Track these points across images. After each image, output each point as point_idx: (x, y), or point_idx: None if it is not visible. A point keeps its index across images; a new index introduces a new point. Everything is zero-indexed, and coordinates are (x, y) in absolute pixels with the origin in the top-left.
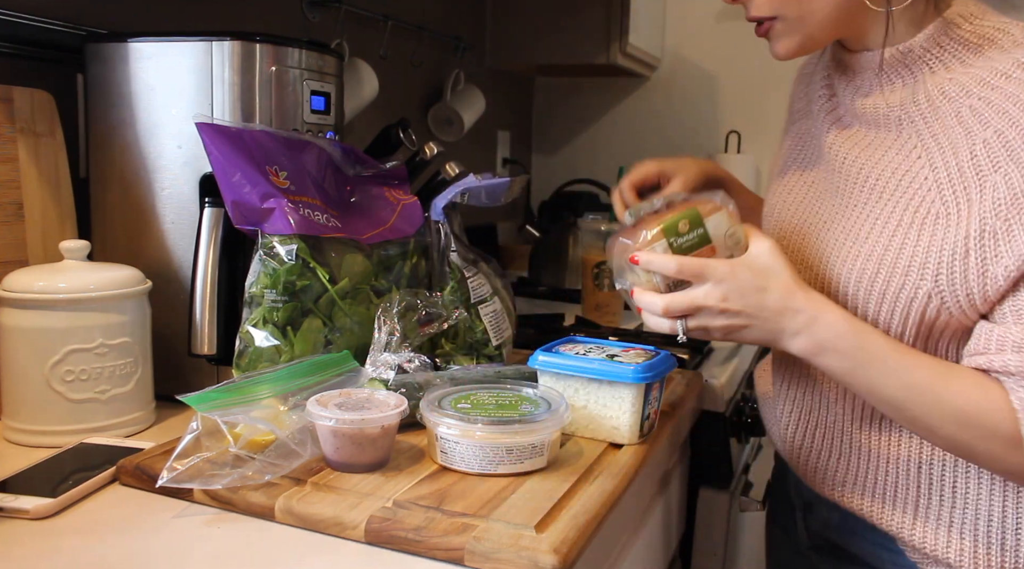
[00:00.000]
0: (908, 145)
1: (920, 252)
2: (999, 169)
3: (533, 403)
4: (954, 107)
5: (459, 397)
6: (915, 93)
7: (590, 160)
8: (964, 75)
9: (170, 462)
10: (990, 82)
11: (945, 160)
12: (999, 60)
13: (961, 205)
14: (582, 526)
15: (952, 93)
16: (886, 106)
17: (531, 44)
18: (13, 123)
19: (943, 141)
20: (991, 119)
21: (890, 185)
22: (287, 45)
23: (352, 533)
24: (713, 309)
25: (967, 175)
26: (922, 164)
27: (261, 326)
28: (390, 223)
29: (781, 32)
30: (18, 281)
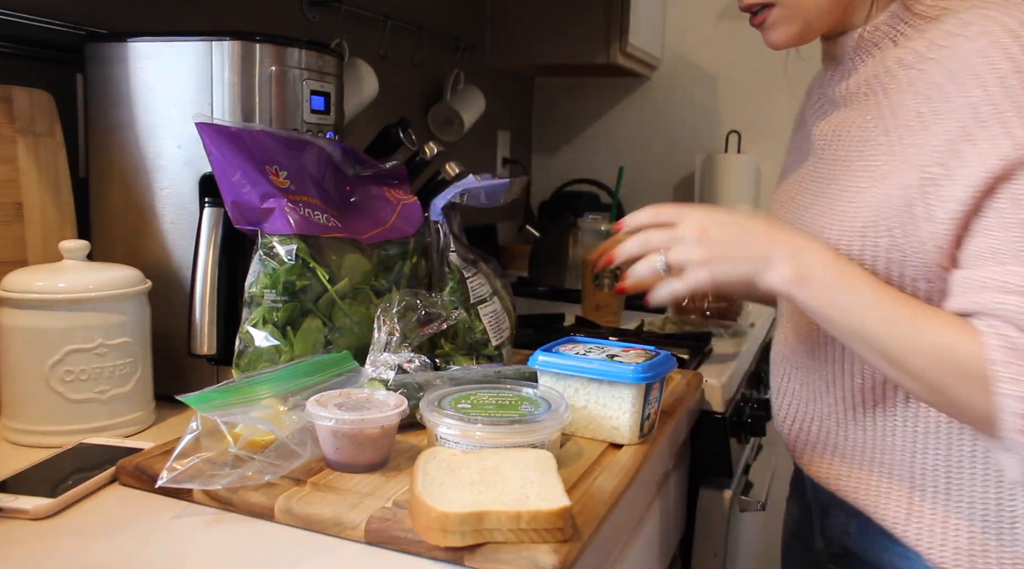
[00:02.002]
0: (867, 116)
1: (872, 209)
2: (939, 119)
3: (533, 403)
4: (907, 74)
5: (459, 397)
6: (875, 67)
7: (590, 160)
8: (919, 42)
9: (170, 462)
10: (937, 42)
11: (896, 122)
12: (948, 22)
13: (906, 158)
14: (581, 526)
15: (908, 60)
16: (854, 84)
17: (531, 44)
18: (13, 123)
19: (896, 106)
20: (935, 76)
21: (852, 155)
22: (287, 45)
23: (352, 533)
24: (689, 237)
25: (914, 130)
26: (878, 131)
27: (261, 326)
28: (390, 223)
29: (778, 19)
30: (18, 281)
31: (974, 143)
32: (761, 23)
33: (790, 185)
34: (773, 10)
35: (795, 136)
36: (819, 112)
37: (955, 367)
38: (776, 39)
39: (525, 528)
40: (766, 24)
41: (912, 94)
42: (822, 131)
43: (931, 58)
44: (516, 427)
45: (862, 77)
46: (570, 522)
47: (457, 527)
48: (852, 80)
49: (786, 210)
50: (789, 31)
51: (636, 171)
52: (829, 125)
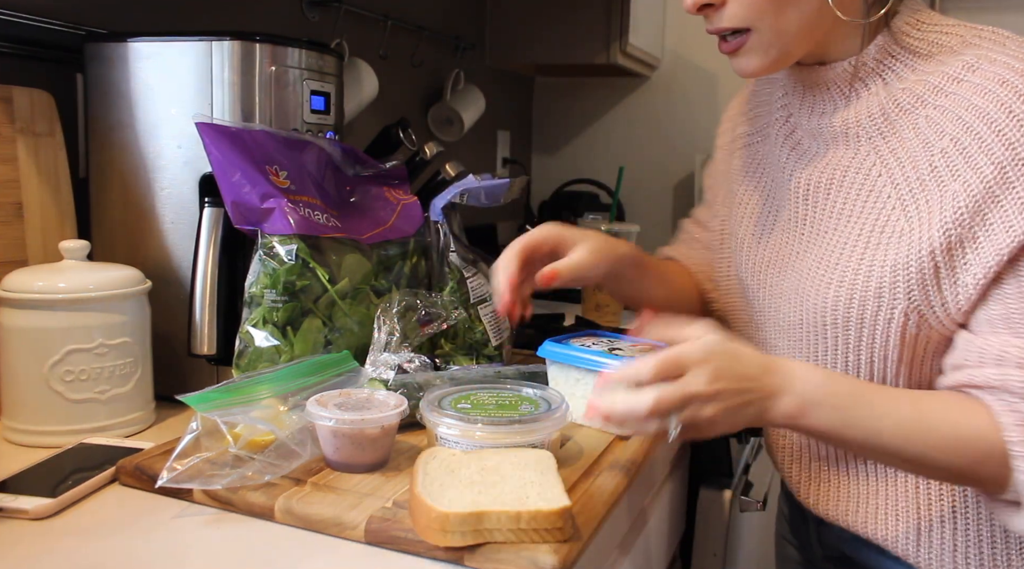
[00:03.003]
0: (867, 163)
1: (888, 271)
2: (958, 177)
3: (533, 403)
4: (910, 119)
5: (459, 397)
6: (869, 107)
7: (590, 160)
8: (917, 83)
9: (170, 462)
10: (943, 88)
11: (905, 174)
12: (949, 64)
13: (923, 217)
14: (581, 526)
15: (906, 103)
16: (842, 123)
17: (531, 44)
18: (13, 123)
19: (902, 155)
20: (947, 127)
21: (856, 207)
22: (287, 45)
23: (352, 533)
24: (704, 395)
25: (928, 187)
26: (884, 181)
27: (261, 326)
28: (390, 223)
29: (755, 47)
30: (18, 281)
31: (1000, 206)
32: (735, 50)
33: (763, 215)
34: (750, 36)
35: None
36: (797, 150)
37: (975, 455)
38: (752, 67)
39: (525, 528)
40: (741, 51)
41: (922, 144)
42: (801, 168)
43: (937, 104)
44: (516, 427)
45: (850, 114)
46: (570, 522)
47: (457, 527)
48: (840, 117)
49: (767, 248)
50: (765, 59)
51: (636, 171)
52: (811, 164)
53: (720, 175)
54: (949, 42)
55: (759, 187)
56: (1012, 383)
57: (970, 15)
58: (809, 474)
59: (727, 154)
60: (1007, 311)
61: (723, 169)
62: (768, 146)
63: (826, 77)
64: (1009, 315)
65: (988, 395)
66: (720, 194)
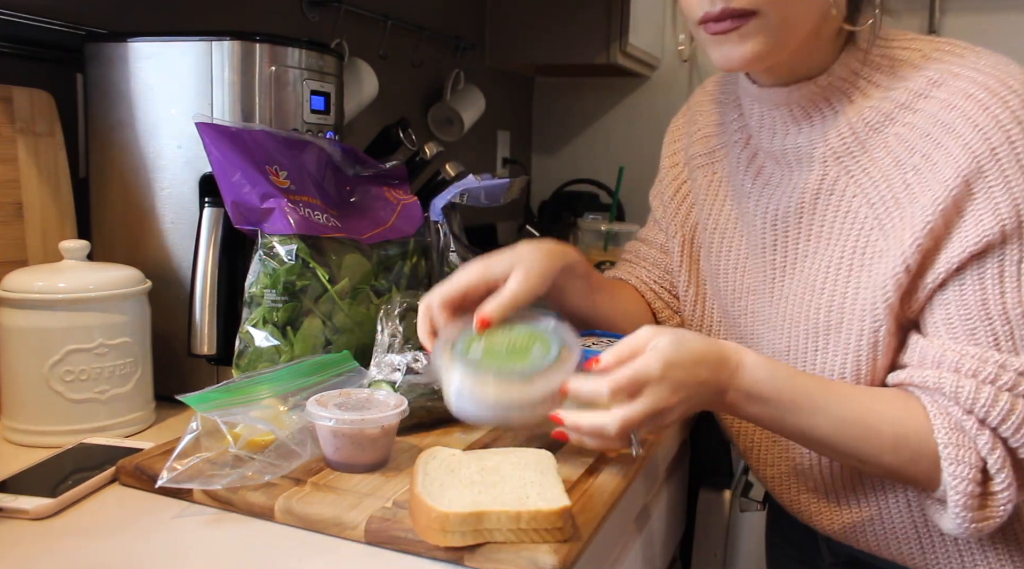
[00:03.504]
0: (839, 184)
1: (870, 293)
2: (928, 191)
3: (545, 344)
4: (880, 138)
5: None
6: (838, 127)
7: (590, 160)
8: (882, 101)
9: (170, 462)
10: (909, 105)
11: (880, 194)
12: (913, 79)
13: (900, 234)
14: (581, 526)
15: (875, 122)
16: (809, 144)
17: (531, 44)
18: (13, 123)
19: (875, 174)
20: (917, 144)
21: (835, 229)
22: (287, 45)
23: (352, 533)
24: (667, 408)
25: (903, 204)
26: (859, 202)
27: (261, 326)
28: (390, 223)
29: (756, 31)
30: (18, 281)
31: (962, 216)
32: (731, 30)
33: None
34: (752, 20)
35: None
36: (762, 176)
37: (910, 454)
38: (746, 54)
39: (525, 528)
40: (739, 33)
41: (894, 163)
42: (777, 203)
43: (906, 122)
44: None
45: (820, 136)
46: (570, 522)
47: (457, 527)
48: (806, 138)
49: (746, 275)
50: (762, 47)
51: (636, 171)
52: (784, 195)
53: (669, 196)
54: (910, 57)
55: (725, 214)
56: (946, 386)
57: (970, 15)
58: (808, 500)
59: (679, 174)
60: (947, 316)
61: (670, 190)
62: (729, 170)
63: (790, 98)
64: (949, 320)
65: (925, 395)
66: (669, 213)
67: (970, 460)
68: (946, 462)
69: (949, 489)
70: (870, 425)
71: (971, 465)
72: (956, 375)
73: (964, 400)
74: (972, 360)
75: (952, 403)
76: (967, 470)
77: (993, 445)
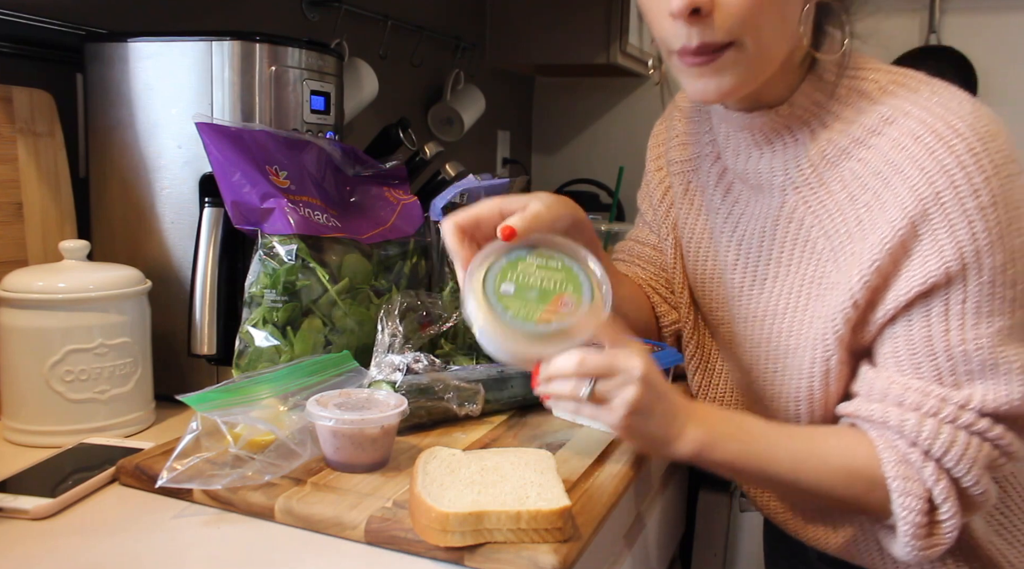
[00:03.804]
0: (798, 213)
1: (822, 323)
2: (877, 229)
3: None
4: (836, 172)
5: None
6: (797, 157)
7: (590, 160)
8: (840, 134)
9: (170, 462)
10: (863, 141)
11: (836, 227)
12: (869, 114)
13: (851, 268)
14: (581, 526)
15: (832, 156)
16: (769, 171)
17: (531, 44)
18: (13, 123)
19: (832, 209)
20: (869, 181)
21: (794, 257)
22: (287, 45)
23: (352, 533)
24: (631, 375)
25: (855, 238)
26: (817, 233)
27: (261, 326)
28: (390, 223)
29: (731, 62)
30: (18, 281)
31: (909, 256)
32: (709, 63)
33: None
34: (730, 51)
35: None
36: (731, 194)
37: (863, 486)
38: (724, 87)
39: (525, 528)
40: (717, 66)
41: (848, 198)
42: (746, 224)
43: (860, 157)
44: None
45: (780, 165)
46: (570, 522)
47: (457, 527)
48: (767, 165)
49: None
50: (735, 80)
51: (636, 171)
52: (750, 215)
53: (658, 199)
54: (868, 88)
55: (700, 225)
56: (891, 419)
57: (970, 15)
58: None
59: (663, 178)
60: (895, 349)
61: (658, 193)
62: (701, 182)
63: (752, 123)
64: (896, 353)
65: (872, 429)
66: (659, 217)
67: (917, 492)
68: (895, 494)
69: (899, 520)
70: (825, 460)
71: (918, 496)
72: (901, 409)
73: (909, 433)
74: (915, 394)
75: (898, 436)
76: (914, 501)
77: (938, 477)
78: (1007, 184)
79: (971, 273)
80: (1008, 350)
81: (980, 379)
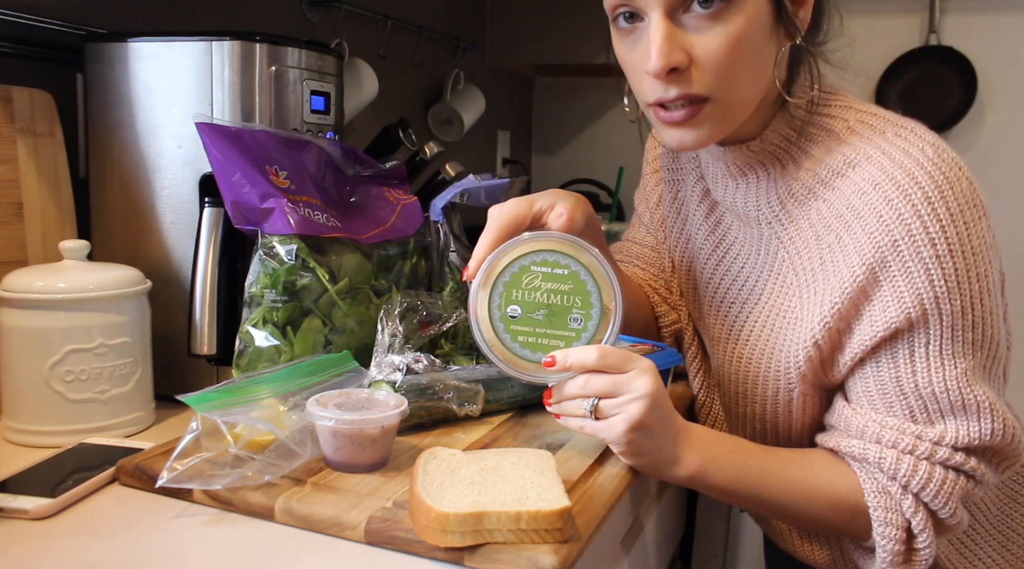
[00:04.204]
0: (772, 246)
1: (784, 356)
2: (838, 272)
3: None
4: (803, 210)
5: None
6: (768, 194)
7: (590, 160)
8: (807, 173)
9: (170, 462)
10: (828, 182)
11: (803, 264)
12: (834, 155)
13: (813, 306)
14: (581, 526)
15: (799, 194)
16: (744, 205)
17: (531, 44)
18: (13, 123)
19: (800, 245)
20: (832, 223)
21: (766, 288)
22: (287, 45)
23: (352, 533)
24: (638, 393)
25: (818, 277)
26: (787, 267)
27: (261, 326)
28: (390, 223)
29: (708, 117)
30: (18, 281)
31: (870, 301)
32: (686, 119)
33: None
34: (705, 106)
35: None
36: (713, 214)
37: (848, 512)
38: (701, 138)
39: (525, 528)
40: (694, 121)
41: (814, 237)
42: (725, 248)
43: (825, 198)
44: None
45: (753, 200)
46: (570, 522)
47: (457, 527)
48: (742, 198)
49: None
50: (712, 131)
51: (636, 171)
52: (728, 242)
53: (654, 202)
54: (836, 127)
55: (685, 236)
56: (870, 455)
57: (970, 15)
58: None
59: (659, 182)
60: (867, 389)
61: (654, 197)
62: (687, 194)
63: (727, 158)
64: (868, 393)
65: (854, 463)
66: (656, 220)
67: (896, 522)
68: (876, 523)
69: (878, 547)
70: (813, 486)
71: (897, 526)
72: (879, 446)
73: (887, 469)
74: (892, 431)
75: (877, 470)
76: (894, 531)
77: (915, 509)
78: (964, 232)
79: (932, 319)
80: (976, 389)
81: (951, 417)
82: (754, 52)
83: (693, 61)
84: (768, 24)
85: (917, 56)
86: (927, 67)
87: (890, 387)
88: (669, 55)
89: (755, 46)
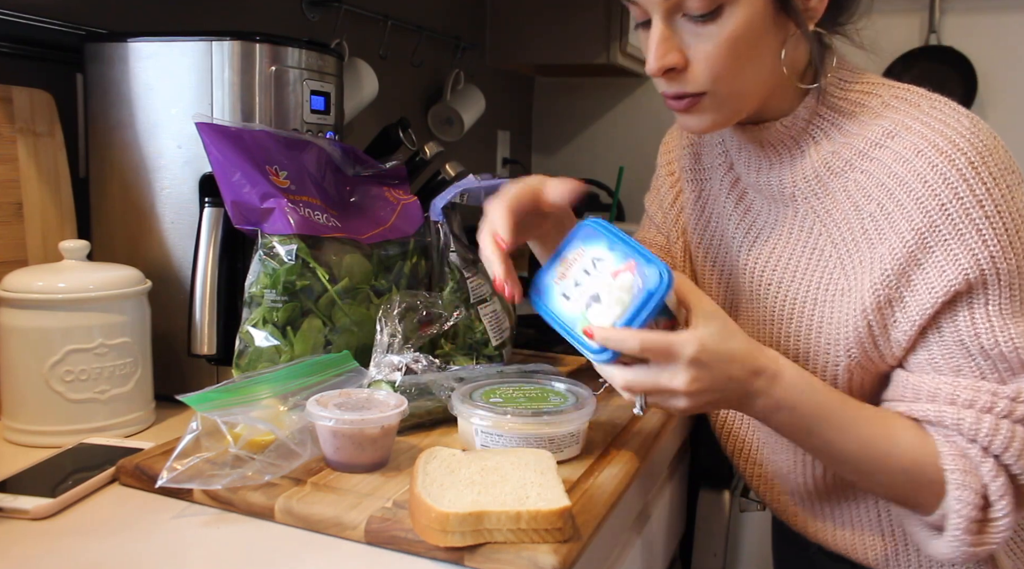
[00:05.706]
0: (807, 222)
1: (833, 329)
2: (884, 241)
3: (561, 397)
4: (841, 182)
5: (489, 390)
6: (804, 169)
7: (590, 160)
8: (844, 146)
9: (170, 462)
10: (866, 153)
11: (843, 235)
12: (870, 128)
13: (859, 277)
14: (581, 526)
15: (836, 167)
16: (779, 182)
17: (531, 44)
18: (13, 123)
19: (837, 217)
20: (873, 192)
21: (801, 264)
22: (287, 45)
23: (352, 533)
24: (678, 392)
25: (861, 248)
26: (824, 241)
27: (261, 326)
28: (390, 223)
29: (708, 107)
30: (18, 281)
31: (923, 269)
32: (687, 108)
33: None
34: (705, 98)
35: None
36: (743, 202)
37: (920, 479)
38: (702, 126)
39: (525, 528)
40: (695, 110)
41: (853, 208)
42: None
43: (863, 169)
44: (546, 418)
45: (788, 176)
46: (570, 522)
47: (457, 527)
48: (777, 177)
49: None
50: (717, 118)
51: (636, 171)
52: (761, 223)
53: (669, 203)
54: (870, 102)
55: (709, 232)
56: (946, 418)
57: (970, 15)
58: (788, 501)
59: (675, 183)
60: (931, 356)
61: (669, 197)
62: (713, 190)
63: (760, 136)
64: (933, 360)
65: (930, 428)
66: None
67: (974, 485)
68: (951, 486)
69: (951, 512)
70: (891, 447)
71: (975, 490)
72: (954, 407)
73: (967, 430)
74: (967, 391)
75: (956, 434)
76: (971, 495)
77: (996, 473)
78: (1008, 194)
79: (990, 278)
80: None
81: (1023, 374)
82: (751, 49)
83: (689, 62)
84: (768, 19)
85: (917, 56)
86: (927, 67)
87: (956, 351)
88: (663, 58)
89: (752, 43)
